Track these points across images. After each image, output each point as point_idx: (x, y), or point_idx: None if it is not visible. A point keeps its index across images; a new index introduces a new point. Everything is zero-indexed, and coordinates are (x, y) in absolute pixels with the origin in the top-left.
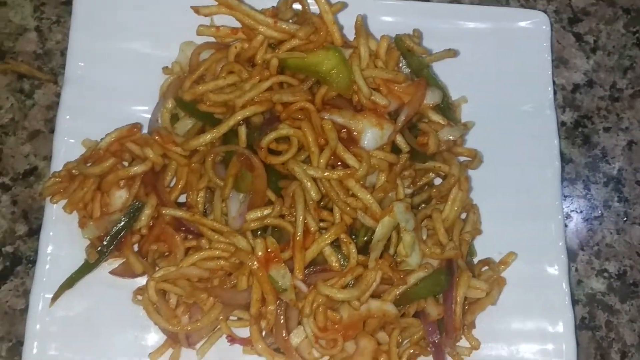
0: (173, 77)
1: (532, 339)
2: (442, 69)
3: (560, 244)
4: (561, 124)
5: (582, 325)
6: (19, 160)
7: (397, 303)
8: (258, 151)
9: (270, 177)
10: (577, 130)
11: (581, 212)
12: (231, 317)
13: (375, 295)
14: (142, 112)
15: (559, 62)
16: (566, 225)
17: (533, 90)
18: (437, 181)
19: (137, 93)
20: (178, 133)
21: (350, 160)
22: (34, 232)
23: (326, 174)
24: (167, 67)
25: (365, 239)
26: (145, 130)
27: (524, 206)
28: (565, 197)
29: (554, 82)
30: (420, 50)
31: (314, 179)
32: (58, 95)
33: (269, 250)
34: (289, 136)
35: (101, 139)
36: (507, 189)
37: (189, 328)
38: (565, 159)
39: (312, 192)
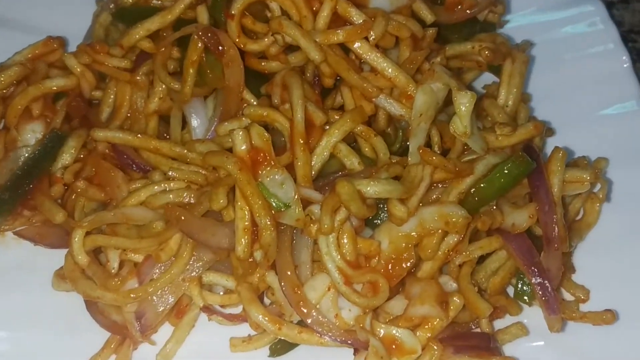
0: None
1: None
2: None
3: None
4: None
5: None
6: None
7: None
8: (228, 26)
9: (248, 81)
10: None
11: None
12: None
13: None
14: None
15: None
16: None
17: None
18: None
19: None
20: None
21: (359, 15)
22: None
23: (330, 33)
24: None
25: (397, 147)
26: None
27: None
28: None
29: None
30: None
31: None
32: None
33: (256, 147)
34: (268, 11)
35: (8, 59)
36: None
37: (139, 293)
38: None
39: (314, 53)
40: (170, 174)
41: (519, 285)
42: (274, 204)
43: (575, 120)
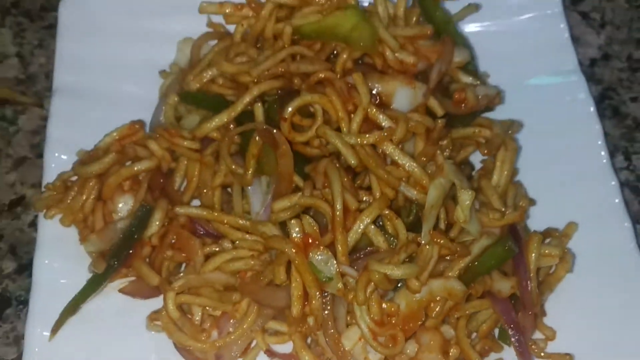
0: (173, 76)
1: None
2: None
3: (618, 203)
4: None
5: None
6: (3, 191)
7: (462, 281)
8: (281, 126)
9: (295, 164)
10: (604, 103)
11: (627, 184)
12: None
13: (435, 276)
14: (141, 118)
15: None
16: None
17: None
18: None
19: (133, 102)
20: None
21: (386, 121)
22: (24, 269)
23: (362, 137)
24: (164, 70)
25: (411, 218)
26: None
27: (571, 173)
28: None
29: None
30: None
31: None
32: (44, 119)
33: (307, 233)
34: (312, 109)
35: (99, 141)
36: (551, 158)
37: (220, 343)
38: None
39: (351, 158)
40: (237, 243)
41: (502, 330)
42: (320, 276)
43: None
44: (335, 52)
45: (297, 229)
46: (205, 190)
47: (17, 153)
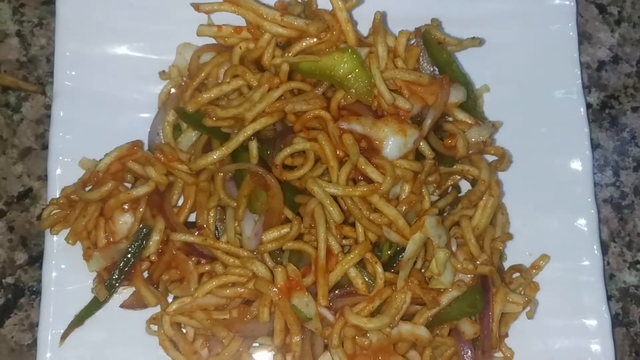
0: (172, 84)
1: (567, 340)
2: (460, 56)
3: (595, 243)
4: (587, 106)
5: (615, 322)
6: (11, 182)
7: (430, 325)
8: (272, 168)
9: (286, 193)
10: (604, 112)
11: (611, 200)
12: (253, 344)
13: (406, 316)
14: (141, 120)
15: (583, 37)
16: None
17: (559, 76)
18: (463, 184)
19: (134, 101)
20: (182, 147)
21: (373, 173)
22: (35, 260)
23: (348, 190)
24: (164, 71)
25: (389, 253)
26: (145, 142)
27: (554, 202)
28: (595, 184)
29: (580, 63)
30: (453, 41)
31: (335, 197)
32: (47, 107)
33: (290, 278)
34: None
35: (100, 160)
36: (536, 184)
37: None
38: (592, 144)
39: (334, 215)
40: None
41: None
42: (301, 316)
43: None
44: (332, 85)
45: (281, 277)
46: (200, 211)
47: (22, 143)
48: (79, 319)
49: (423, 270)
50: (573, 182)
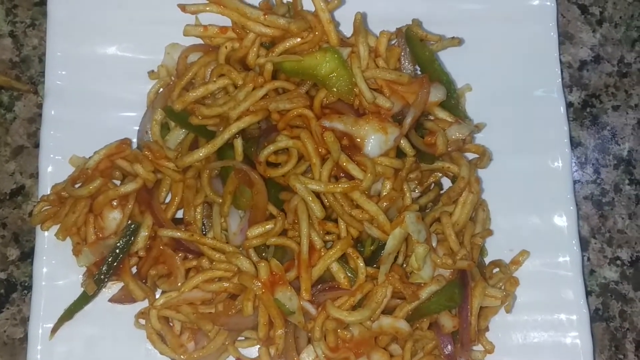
0: (160, 83)
1: (546, 334)
2: (442, 56)
3: (574, 239)
4: (568, 105)
5: (595, 317)
6: (4, 180)
7: (410, 318)
8: (257, 165)
9: (270, 190)
10: (585, 111)
11: (592, 197)
12: (238, 337)
13: (387, 310)
14: (130, 119)
15: (565, 37)
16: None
17: (539, 75)
18: (445, 181)
19: (123, 100)
20: (170, 145)
21: (354, 170)
22: (27, 256)
23: (330, 186)
24: (152, 70)
25: (372, 248)
26: (134, 140)
27: (534, 199)
28: (575, 182)
29: (560, 62)
30: (434, 38)
31: (317, 193)
32: (39, 106)
33: (274, 272)
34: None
35: (89, 157)
36: (516, 181)
37: (196, 356)
38: (573, 142)
39: (316, 211)
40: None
41: None
42: (284, 310)
43: None
44: (315, 84)
45: (265, 271)
46: (187, 207)
47: (15, 142)
48: (69, 313)
49: (404, 265)
50: (553, 179)
